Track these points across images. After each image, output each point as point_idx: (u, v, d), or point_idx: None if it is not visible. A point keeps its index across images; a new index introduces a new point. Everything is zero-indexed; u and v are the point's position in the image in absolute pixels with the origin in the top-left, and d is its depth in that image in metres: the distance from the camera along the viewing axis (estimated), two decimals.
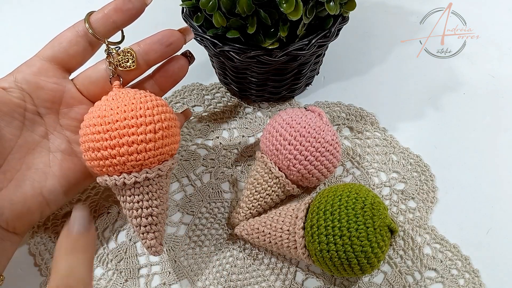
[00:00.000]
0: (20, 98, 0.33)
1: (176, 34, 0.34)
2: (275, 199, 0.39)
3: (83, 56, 0.34)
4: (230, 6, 0.34)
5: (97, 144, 0.30)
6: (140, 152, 0.30)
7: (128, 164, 0.30)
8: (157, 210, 0.32)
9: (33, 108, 0.33)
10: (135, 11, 0.33)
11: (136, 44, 0.34)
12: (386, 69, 0.50)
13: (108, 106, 0.31)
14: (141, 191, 0.31)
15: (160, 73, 0.36)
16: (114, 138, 0.30)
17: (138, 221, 0.32)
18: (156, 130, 0.31)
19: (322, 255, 0.32)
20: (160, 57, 0.35)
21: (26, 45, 0.37)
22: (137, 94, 0.31)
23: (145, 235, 0.32)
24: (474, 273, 0.36)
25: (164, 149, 0.31)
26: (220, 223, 0.39)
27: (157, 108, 0.31)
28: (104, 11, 0.33)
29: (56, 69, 0.34)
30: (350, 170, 0.42)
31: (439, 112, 0.46)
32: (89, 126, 0.31)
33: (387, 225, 0.32)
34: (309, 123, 0.37)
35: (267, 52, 0.37)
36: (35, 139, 0.34)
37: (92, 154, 0.31)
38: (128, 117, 0.30)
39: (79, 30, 0.33)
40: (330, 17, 0.37)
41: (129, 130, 0.30)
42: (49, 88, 0.33)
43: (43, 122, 0.34)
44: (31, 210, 0.33)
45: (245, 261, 0.37)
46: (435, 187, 0.40)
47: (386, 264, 0.37)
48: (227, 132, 0.45)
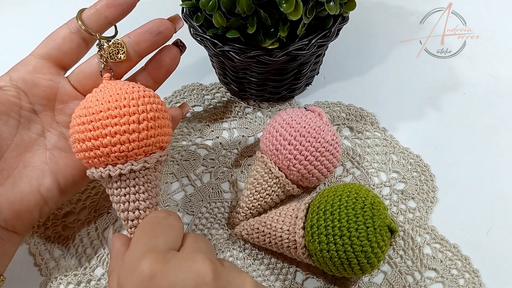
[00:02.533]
0: (16, 97, 0.33)
1: (166, 22, 0.34)
2: (275, 199, 0.39)
3: (77, 53, 0.34)
4: (230, 6, 0.34)
5: (81, 135, 0.30)
6: (123, 143, 0.29)
7: (112, 156, 0.30)
8: (144, 204, 0.31)
9: (29, 106, 0.33)
10: (126, 6, 0.33)
11: (127, 36, 0.34)
12: (386, 69, 0.50)
13: (94, 97, 0.30)
14: (127, 184, 0.31)
15: (152, 64, 0.36)
16: (97, 129, 0.29)
17: (125, 215, 0.31)
18: (140, 120, 0.30)
19: (322, 255, 0.32)
20: (151, 46, 0.34)
21: (24, 45, 0.37)
22: (124, 85, 0.31)
23: (132, 229, 0.32)
24: (474, 273, 0.36)
25: (150, 140, 0.31)
26: (220, 223, 0.39)
27: (143, 99, 0.30)
28: (96, 7, 0.33)
29: (50, 66, 0.34)
30: (350, 170, 0.42)
31: (439, 112, 0.46)
32: (75, 117, 0.31)
33: (387, 225, 0.32)
34: (309, 123, 0.37)
35: (267, 52, 0.37)
36: (31, 137, 0.34)
37: (78, 146, 0.30)
38: (112, 108, 0.29)
39: (72, 27, 0.33)
40: (330, 17, 0.37)
41: (112, 120, 0.29)
42: (43, 85, 0.34)
43: (39, 119, 0.34)
44: (29, 208, 0.32)
45: (245, 261, 0.37)
46: (435, 187, 0.40)
47: (386, 264, 0.37)
48: (227, 132, 0.45)
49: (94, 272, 0.37)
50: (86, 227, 0.39)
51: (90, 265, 0.37)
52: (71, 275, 0.36)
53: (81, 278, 0.36)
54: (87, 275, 0.37)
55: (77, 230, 0.39)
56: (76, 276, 0.36)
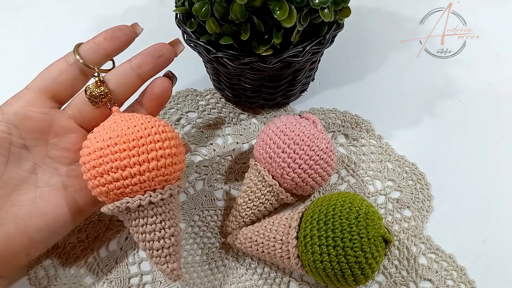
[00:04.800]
0: (6, 132, 0.31)
1: (166, 46, 0.35)
2: (269, 208, 0.38)
3: (73, 85, 0.34)
4: (223, 12, 0.33)
5: (104, 167, 0.29)
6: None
7: (137, 186, 0.30)
8: (169, 232, 0.32)
9: (20, 142, 0.32)
10: (125, 39, 0.34)
11: (128, 61, 0.34)
12: (382, 76, 0.50)
13: (110, 129, 0.30)
14: (154, 213, 0.31)
15: (145, 96, 0.36)
16: (123, 159, 0.29)
17: (150, 245, 0.31)
18: (163, 147, 0.31)
19: (316, 265, 0.31)
20: (153, 69, 0.34)
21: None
22: (138, 117, 0.32)
23: (157, 259, 0.31)
24: (470, 284, 0.35)
25: (169, 168, 0.31)
26: (213, 231, 0.39)
27: (157, 128, 0.31)
28: (95, 40, 0.33)
29: (45, 99, 0.33)
30: (345, 178, 0.42)
31: (435, 120, 0.46)
32: (93, 151, 0.30)
33: (381, 235, 0.31)
34: (303, 131, 0.36)
35: (261, 58, 0.36)
36: (21, 174, 0.32)
37: (97, 180, 0.30)
38: (132, 139, 0.30)
39: (69, 60, 0.33)
40: (324, 24, 0.37)
41: (139, 149, 0.30)
42: (36, 118, 0.32)
43: (30, 155, 0.33)
44: (15, 250, 0.31)
45: (238, 270, 0.37)
46: (430, 196, 0.40)
47: (381, 274, 0.36)
48: (221, 138, 0.45)
49: (85, 280, 0.36)
50: (77, 235, 0.38)
51: (80, 274, 0.36)
52: (60, 284, 0.36)
53: (71, 286, 0.36)
54: (77, 284, 0.36)
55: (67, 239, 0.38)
56: (66, 285, 0.36)
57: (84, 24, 0.55)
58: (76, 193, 0.33)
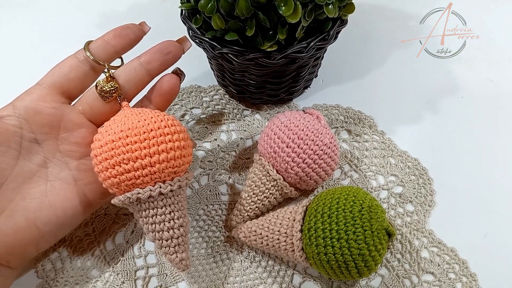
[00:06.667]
0: (17, 126, 0.32)
1: (174, 43, 0.36)
2: (273, 202, 0.38)
3: (84, 81, 0.34)
4: (229, 8, 0.34)
5: (115, 159, 0.30)
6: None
7: (148, 177, 0.31)
8: (178, 222, 0.32)
9: (31, 136, 0.33)
10: (133, 37, 0.35)
11: (137, 57, 0.35)
12: (385, 72, 0.50)
13: (121, 123, 0.31)
14: (164, 204, 0.32)
15: (154, 92, 0.36)
16: (134, 151, 0.30)
17: (159, 235, 0.32)
18: (173, 140, 0.32)
19: (320, 258, 0.31)
20: (162, 65, 0.35)
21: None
22: (147, 111, 0.32)
23: (166, 249, 0.32)
24: (471, 277, 0.36)
25: (178, 160, 0.32)
26: (217, 225, 0.39)
27: (166, 122, 0.32)
28: (104, 38, 0.34)
29: (55, 94, 0.33)
30: (348, 173, 0.42)
31: (438, 116, 0.46)
32: (104, 144, 0.31)
33: (384, 228, 0.32)
34: (307, 126, 0.37)
35: (266, 54, 0.37)
36: (32, 168, 0.33)
37: (109, 172, 0.31)
38: (142, 132, 0.31)
39: (79, 56, 0.34)
40: (329, 20, 0.37)
41: (150, 141, 0.31)
42: (47, 113, 0.33)
43: (41, 149, 0.33)
44: (25, 242, 0.31)
45: (243, 263, 0.37)
46: (432, 191, 0.40)
47: (384, 267, 0.36)
48: (225, 134, 0.45)
49: (91, 273, 0.37)
50: (83, 228, 0.39)
51: (87, 266, 0.37)
52: (67, 276, 0.36)
53: (78, 279, 0.36)
54: (84, 277, 0.36)
55: (74, 232, 0.38)
56: (73, 278, 0.36)
57: (89, 20, 0.56)
58: (86, 186, 0.34)
